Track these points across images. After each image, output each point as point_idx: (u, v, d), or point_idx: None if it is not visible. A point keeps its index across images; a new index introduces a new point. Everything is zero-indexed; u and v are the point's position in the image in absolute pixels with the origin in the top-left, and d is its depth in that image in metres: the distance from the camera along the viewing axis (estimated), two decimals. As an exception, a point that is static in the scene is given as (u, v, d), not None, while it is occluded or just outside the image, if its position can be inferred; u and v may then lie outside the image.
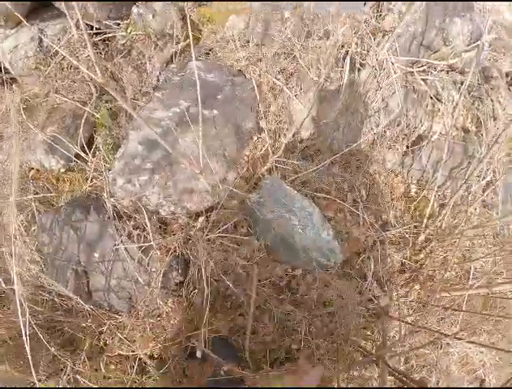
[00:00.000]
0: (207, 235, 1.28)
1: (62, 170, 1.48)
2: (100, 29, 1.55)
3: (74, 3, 0.98)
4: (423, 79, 1.66)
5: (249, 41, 1.65)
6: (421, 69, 1.65)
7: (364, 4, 1.48)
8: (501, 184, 1.71)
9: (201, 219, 1.30)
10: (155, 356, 1.41)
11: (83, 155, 1.45)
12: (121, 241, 1.24)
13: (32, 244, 1.40)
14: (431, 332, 1.40)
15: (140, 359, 1.35)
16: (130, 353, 1.36)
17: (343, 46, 1.52)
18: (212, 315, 1.36)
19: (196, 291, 1.33)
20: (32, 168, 1.53)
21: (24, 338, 0.97)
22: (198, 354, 1.16)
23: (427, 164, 1.67)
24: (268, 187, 1.38)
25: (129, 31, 1.47)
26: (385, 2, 1.52)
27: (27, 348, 0.97)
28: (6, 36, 1.59)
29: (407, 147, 1.71)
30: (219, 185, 1.32)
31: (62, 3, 1.49)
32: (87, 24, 1.54)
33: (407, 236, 1.51)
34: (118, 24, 1.51)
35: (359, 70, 1.44)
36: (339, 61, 1.49)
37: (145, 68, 1.57)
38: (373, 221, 1.51)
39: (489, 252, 1.53)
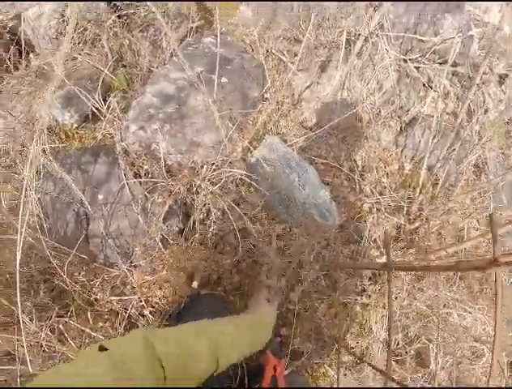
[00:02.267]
0: (211, 184, 1.35)
1: (75, 125, 1.56)
2: (119, 7, 1.70)
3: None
4: (416, 67, 1.80)
5: (256, 27, 1.81)
6: (414, 57, 1.79)
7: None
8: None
9: (205, 167, 1.38)
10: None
11: (97, 111, 1.54)
12: (127, 183, 1.30)
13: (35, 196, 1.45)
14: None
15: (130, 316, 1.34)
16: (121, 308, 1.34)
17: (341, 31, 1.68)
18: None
19: (196, 237, 1.37)
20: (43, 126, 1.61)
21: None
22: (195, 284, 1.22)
23: (420, 144, 1.77)
24: (268, 145, 1.47)
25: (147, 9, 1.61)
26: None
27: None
28: (30, 4, 1.73)
29: (401, 128, 1.82)
30: (226, 142, 1.40)
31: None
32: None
33: (402, 203, 1.58)
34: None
35: (354, 42, 1.57)
36: (338, 40, 1.62)
37: (160, 44, 1.71)
38: (368, 189, 1.60)
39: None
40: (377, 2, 1.58)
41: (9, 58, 1.72)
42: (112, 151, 1.39)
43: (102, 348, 0.55)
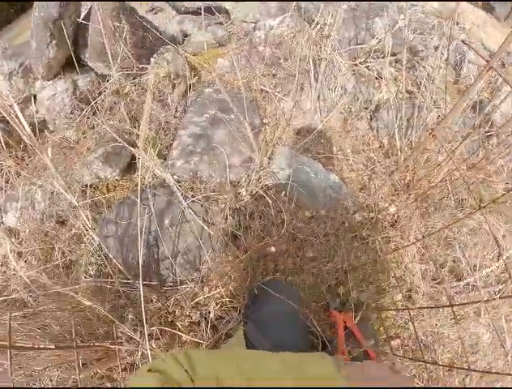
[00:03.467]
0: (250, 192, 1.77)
1: (117, 178, 1.91)
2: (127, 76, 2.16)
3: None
4: (366, 67, 2.33)
5: (236, 73, 2.32)
6: (362, 60, 2.32)
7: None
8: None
9: (243, 179, 1.79)
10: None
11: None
12: (188, 204, 1.66)
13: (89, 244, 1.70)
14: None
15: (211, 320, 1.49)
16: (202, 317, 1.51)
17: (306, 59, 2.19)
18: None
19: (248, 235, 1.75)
20: (86, 185, 1.91)
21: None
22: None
23: (389, 123, 2.25)
24: (281, 154, 1.92)
25: (157, 72, 2.08)
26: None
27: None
28: (43, 86, 2.12)
29: (371, 116, 2.31)
30: (257, 159, 1.83)
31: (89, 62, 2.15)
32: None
33: (391, 168, 2.03)
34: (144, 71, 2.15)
35: (319, 64, 2.07)
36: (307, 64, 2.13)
37: (167, 102, 2.17)
38: (362, 165, 2.05)
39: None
40: (326, 32, 2.11)
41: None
42: (164, 185, 1.76)
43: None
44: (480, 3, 3.76)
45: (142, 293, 1.20)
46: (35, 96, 2.23)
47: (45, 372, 1.25)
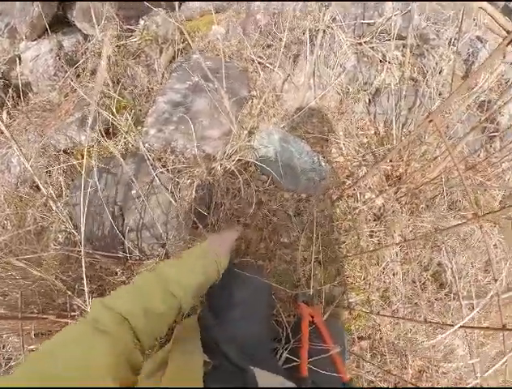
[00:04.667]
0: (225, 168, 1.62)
1: (92, 144, 1.78)
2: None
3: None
4: (370, 47, 2.15)
5: (230, 41, 2.14)
6: (367, 40, 2.14)
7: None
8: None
9: (219, 153, 1.64)
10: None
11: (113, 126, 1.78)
12: (156, 175, 1.54)
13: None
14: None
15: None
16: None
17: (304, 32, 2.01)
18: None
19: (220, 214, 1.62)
20: (60, 150, 1.83)
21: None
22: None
23: (387, 109, 2.09)
24: (264, 130, 1.76)
25: (143, 35, 1.91)
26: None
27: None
28: (27, 47, 2.00)
29: (369, 99, 2.14)
30: (234, 131, 1.67)
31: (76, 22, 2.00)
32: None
33: (384, 153, 1.87)
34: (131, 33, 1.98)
35: (315, 36, 1.89)
36: (302, 37, 1.95)
37: (153, 67, 2.01)
38: (353, 151, 1.89)
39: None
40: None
41: (8, 100, 1.97)
42: (136, 154, 1.64)
43: None
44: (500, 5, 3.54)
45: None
46: (19, 57, 2.10)
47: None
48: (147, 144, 1.62)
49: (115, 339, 0.57)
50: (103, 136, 1.80)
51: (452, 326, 0.85)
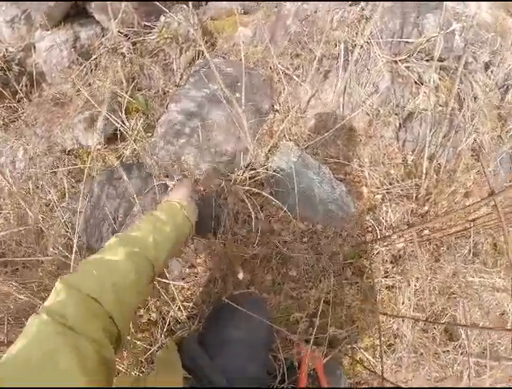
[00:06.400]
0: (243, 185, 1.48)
1: (99, 147, 1.67)
2: (127, 35, 1.85)
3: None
4: (406, 67, 1.97)
5: (257, 46, 1.98)
6: (403, 58, 1.96)
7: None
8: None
9: (235, 173, 1.51)
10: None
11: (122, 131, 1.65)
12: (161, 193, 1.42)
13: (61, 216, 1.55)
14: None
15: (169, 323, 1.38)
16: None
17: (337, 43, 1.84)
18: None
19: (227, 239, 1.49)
20: (65, 150, 1.73)
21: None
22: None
23: (419, 136, 1.92)
24: (284, 150, 1.62)
25: (161, 33, 1.76)
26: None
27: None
28: (41, 36, 1.88)
29: (400, 124, 1.97)
30: (251, 150, 1.53)
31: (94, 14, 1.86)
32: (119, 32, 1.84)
33: (410, 191, 1.71)
34: (150, 30, 1.82)
35: (351, 50, 1.72)
36: (336, 48, 1.79)
37: (171, 67, 1.86)
38: (378, 181, 1.73)
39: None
40: (368, 13, 1.75)
41: (21, 89, 1.85)
42: (143, 165, 1.52)
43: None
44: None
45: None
46: (34, 46, 1.98)
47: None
48: (155, 157, 1.48)
49: (83, 338, 0.54)
50: (109, 144, 1.69)
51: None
